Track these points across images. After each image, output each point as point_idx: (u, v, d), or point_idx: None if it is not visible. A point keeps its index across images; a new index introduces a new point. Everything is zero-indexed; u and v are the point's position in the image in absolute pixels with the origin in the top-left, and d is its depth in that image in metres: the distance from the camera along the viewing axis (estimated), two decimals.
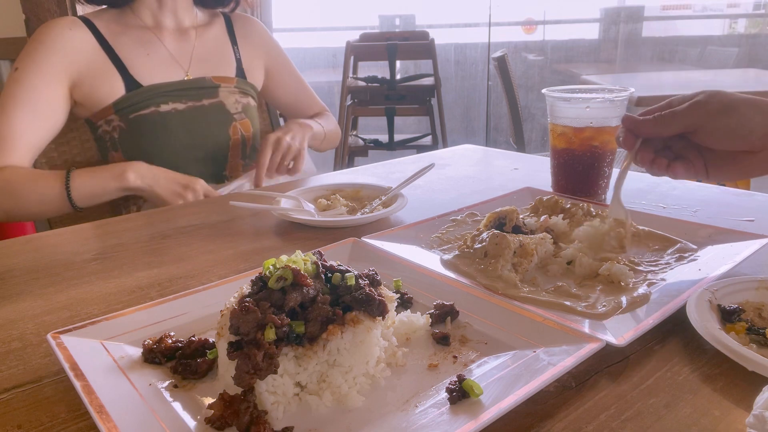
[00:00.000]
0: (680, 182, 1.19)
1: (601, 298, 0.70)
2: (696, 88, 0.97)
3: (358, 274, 0.59)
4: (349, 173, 1.52)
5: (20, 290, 0.80)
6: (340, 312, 0.55)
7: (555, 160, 1.13)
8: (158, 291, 0.78)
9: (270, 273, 0.57)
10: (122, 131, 1.37)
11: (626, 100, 1.05)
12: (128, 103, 1.35)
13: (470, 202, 1.05)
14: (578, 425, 0.50)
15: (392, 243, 0.86)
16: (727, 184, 1.28)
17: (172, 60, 1.43)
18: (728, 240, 0.83)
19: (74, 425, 0.52)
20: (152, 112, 1.37)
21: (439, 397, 0.52)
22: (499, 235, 0.78)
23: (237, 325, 0.53)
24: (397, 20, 5.13)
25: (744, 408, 0.51)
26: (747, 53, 4.48)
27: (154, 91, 1.37)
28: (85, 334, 0.62)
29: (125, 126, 1.36)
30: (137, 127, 1.36)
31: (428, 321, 0.65)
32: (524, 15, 5.12)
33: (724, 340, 0.57)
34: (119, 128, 1.37)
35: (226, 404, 0.50)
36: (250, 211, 1.09)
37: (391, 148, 3.59)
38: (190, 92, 1.42)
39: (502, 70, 3.29)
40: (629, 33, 4.83)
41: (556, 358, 0.55)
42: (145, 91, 1.36)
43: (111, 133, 1.38)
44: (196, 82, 1.44)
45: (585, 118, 1.05)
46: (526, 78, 4.95)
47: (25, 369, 0.61)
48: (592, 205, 0.95)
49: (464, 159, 1.53)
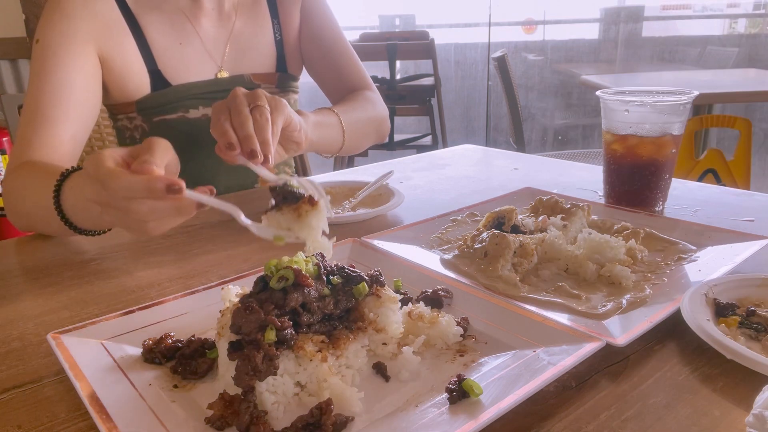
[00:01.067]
0: (680, 182, 1.19)
1: (601, 298, 0.70)
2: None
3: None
4: (348, 173, 1.52)
5: (20, 290, 0.80)
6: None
7: (613, 167, 1.04)
8: (158, 291, 0.78)
9: (272, 273, 0.57)
10: (144, 133, 1.22)
11: (690, 104, 0.98)
12: (153, 104, 1.19)
13: (470, 202, 1.05)
14: (578, 425, 0.50)
15: (392, 243, 0.86)
16: (727, 184, 1.28)
17: (205, 52, 1.24)
18: (728, 240, 0.83)
19: (74, 425, 0.52)
20: (179, 117, 1.20)
21: (439, 397, 0.52)
22: (499, 235, 0.78)
23: (239, 324, 0.53)
24: (397, 20, 5.14)
25: (744, 408, 0.51)
26: (747, 53, 4.48)
27: (183, 93, 1.20)
28: (85, 334, 0.62)
29: (147, 128, 1.21)
30: (161, 133, 1.14)
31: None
32: (524, 15, 5.12)
33: (709, 329, 0.58)
34: (141, 129, 1.22)
35: (226, 404, 0.50)
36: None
37: (391, 148, 3.59)
38: (223, 95, 1.15)
39: (502, 70, 3.29)
40: (629, 33, 4.83)
41: (556, 357, 0.55)
42: (172, 92, 1.19)
43: (132, 131, 1.23)
44: (232, 82, 1.24)
45: (645, 123, 0.98)
46: (526, 78, 4.95)
47: (25, 369, 0.61)
48: (592, 210, 0.95)
49: (464, 159, 1.53)
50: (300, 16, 1.35)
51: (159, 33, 1.18)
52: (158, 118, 1.20)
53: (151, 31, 1.17)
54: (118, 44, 1.13)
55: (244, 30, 1.29)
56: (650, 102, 0.97)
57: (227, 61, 1.26)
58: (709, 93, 2.75)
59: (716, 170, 2.62)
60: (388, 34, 3.84)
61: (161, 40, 1.18)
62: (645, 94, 1.00)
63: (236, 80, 1.25)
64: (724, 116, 2.73)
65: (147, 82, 1.18)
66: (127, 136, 1.25)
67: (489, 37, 4.82)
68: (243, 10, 1.29)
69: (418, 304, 0.66)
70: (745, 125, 2.62)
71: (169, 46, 1.19)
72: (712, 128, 2.97)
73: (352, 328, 0.59)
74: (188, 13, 1.22)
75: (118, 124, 1.25)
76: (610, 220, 0.94)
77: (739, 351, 0.55)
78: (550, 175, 1.32)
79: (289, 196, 0.61)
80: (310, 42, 1.36)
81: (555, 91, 4.96)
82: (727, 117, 2.70)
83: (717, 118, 2.76)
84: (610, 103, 1.01)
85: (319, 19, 1.36)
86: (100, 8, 1.11)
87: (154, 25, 1.17)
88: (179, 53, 1.20)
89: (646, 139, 0.99)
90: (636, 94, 1.00)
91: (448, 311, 0.68)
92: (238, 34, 1.28)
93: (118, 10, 1.13)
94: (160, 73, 1.18)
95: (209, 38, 1.24)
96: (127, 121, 1.23)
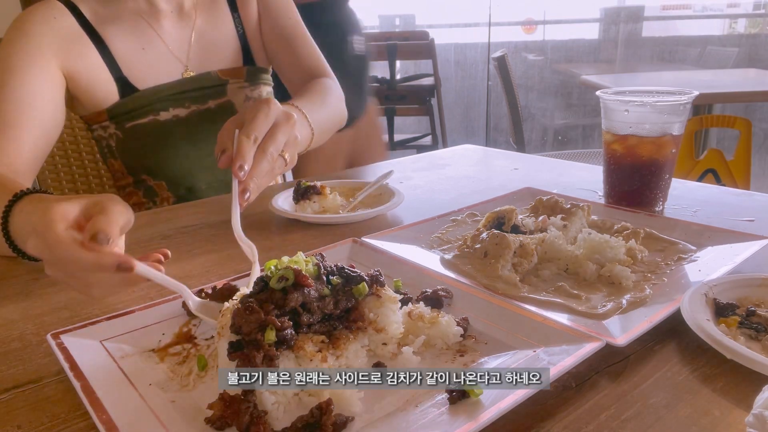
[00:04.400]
0: (680, 182, 1.19)
1: (601, 298, 0.70)
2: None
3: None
4: (348, 173, 1.52)
5: (20, 290, 0.80)
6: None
7: (613, 167, 1.04)
8: (158, 291, 0.78)
9: (272, 273, 0.57)
10: (119, 140, 1.23)
11: (690, 104, 0.98)
12: (123, 110, 1.20)
13: (470, 202, 1.05)
14: (578, 425, 0.50)
15: (392, 243, 0.86)
16: (727, 184, 1.28)
17: (170, 53, 1.24)
18: (728, 241, 0.83)
19: (74, 425, 0.52)
20: (151, 121, 1.21)
21: (439, 397, 0.52)
22: (499, 235, 0.78)
23: (239, 324, 0.53)
24: (397, 20, 5.14)
25: (744, 408, 0.51)
26: (747, 53, 4.48)
27: (152, 96, 1.21)
28: (85, 334, 0.62)
29: (122, 135, 1.22)
30: (135, 138, 1.22)
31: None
32: (524, 15, 5.12)
33: (709, 329, 0.58)
34: (115, 136, 1.23)
35: (226, 404, 0.50)
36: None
37: (391, 148, 3.59)
38: (192, 93, 1.25)
39: (502, 70, 3.30)
40: (629, 33, 4.83)
41: (556, 358, 0.55)
42: (140, 96, 1.20)
43: (107, 139, 1.24)
44: (199, 80, 1.26)
45: (644, 123, 0.98)
46: (526, 78, 4.95)
47: (25, 369, 0.61)
48: (591, 211, 0.95)
49: (464, 159, 1.53)
50: (258, 7, 1.34)
51: (121, 41, 1.19)
52: (130, 124, 1.21)
53: (113, 41, 1.18)
54: (81, 57, 1.14)
55: (205, 27, 1.29)
56: (650, 102, 0.97)
57: (192, 59, 1.27)
58: (709, 93, 2.75)
59: (716, 170, 2.62)
60: (388, 34, 3.84)
61: (124, 47, 1.19)
62: (645, 94, 1.00)
63: (203, 78, 1.26)
64: (724, 116, 2.73)
65: (115, 90, 1.19)
66: (104, 145, 1.26)
67: (489, 37, 4.82)
68: (202, 8, 1.30)
69: (418, 304, 0.66)
70: (745, 125, 2.62)
71: (132, 53, 1.20)
72: (712, 128, 2.97)
73: (352, 328, 0.59)
74: (148, 17, 1.23)
75: (94, 134, 1.26)
76: (610, 220, 0.94)
77: (739, 351, 0.55)
78: (550, 175, 1.32)
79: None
80: (270, 31, 1.36)
81: (555, 91, 4.96)
82: (727, 117, 2.70)
83: (717, 118, 2.76)
84: (610, 103, 1.01)
85: (275, 7, 1.36)
86: (60, 25, 1.12)
87: (115, 34, 1.18)
88: (143, 58, 1.21)
89: (646, 139, 0.99)
90: (636, 94, 1.00)
91: (448, 311, 0.67)
92: (200, 32, 1.28)
93: (77, 25, 1.15)
94: (126, 79, 1.19)
95: (172, 39, 1.25)
96: (102, 131, 1.24)
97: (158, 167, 1.25)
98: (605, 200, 1.07)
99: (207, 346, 0.63)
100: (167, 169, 1.26)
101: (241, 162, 0.75)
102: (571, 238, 0.85)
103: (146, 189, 1.29)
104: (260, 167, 0.77)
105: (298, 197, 1.08)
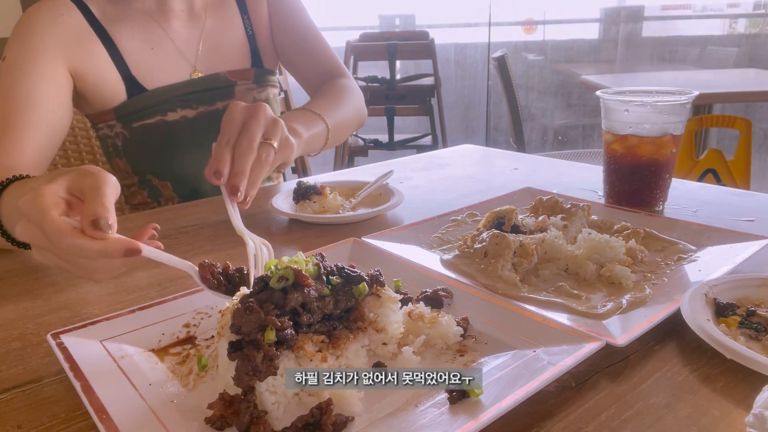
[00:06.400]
0: (680, 182, 1.19)
1: (601, 298, 0.70)
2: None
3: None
4: (348, 173, 1.52)
5: (20, 290, 0.80)
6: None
7: (613, 167, 1.04)
8: (158, 291, 0.78)
9: (272, 273, 0.57)
10: (125, 140, 1.23)
11: (690, 104, 0.98)
12: (130, 110, 1.20)
13: (470, 202, 1.05)
14: (578, 425, 0.50)
15: (392, 243, 0.86)
16: (727, 184, 1.28)
17: (178, 53, 1.24)
18: (728, 240, 0.83)
19: (74, 425, 0.52)
20: (158, 121, 1.21)
21: (439, 397, 0.52)
22: (499, 235, 0.78)
23: (239, 324, 0.53)
24: (397, 20, 5.14)
25: (744, 408, 0.51)
26: (747, 53, 4.48)
27: (160, 96, 1.21)
28: (85, 334, 0.62)
29: (128, 135, 1.22)
30: (142, 138, 1.22)
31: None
32: (524, 15, 5.12)
33: (709, 329, 0.58)
34: (122, 136, 1.22)
35: (226, 404, 0.50)
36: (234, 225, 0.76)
37: (391, 148, 3.59)
38: (200, 95, 1.24)
39: (502, 70, 3.29)
40: (629, 33, 4.83)
41: (556, 357, 0.55)
42: (148, 96, 1.20)
43: (114, 139, 1.24)
44: (208, 81, 1.25)
45: (645, 123, 0.98)
46: (526, 78, 4.95)
47: (25, 369, 0.61)
48: (591, 211, 0.95)
49: (464, 159, 1.53)
50: (268, 8, 1.34)
51: (129, 40, 1.18)
52: (137, 123, 1.21)
53: (122, 40, 1.17)
54: (89, 56, 1.14)
55: (215, 28, 1.29)
56: (650, 102, 0.97)
57: (201, 60, 1.26)
58: (709, 93, 2.75)
59: (716, 170, 2.62)
60: (388, 34, 3.84)
61: (132, 46, 1.18)
62: (645, 94, 1.00)
63: (211, 79, 1.26)
64: (724, 116, 2.73)
65: (122, 90, 1.18)
66: (109, 144, 1.26)
67: (489, 37, 4.82)
68: (212, 9, 1.29)
69: (418, 304, 0.66)
70: (745, 125, 2.62)
71: (140, 52, 1.19)
72: (712, 128, 2.97)
73: (352, 328, 0.59)
74: (157, 17, 1.22)
75: (100, 133, 1.26)
76: (610, 220, 0.94)
77: (739, 351, 0.55)
78: (550, 175, 1.33)
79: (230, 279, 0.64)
80: (281, 33, 1.35)
81: (555, 91, 4.96)
82: (727, 117, 2.70)
83: (717, 118, 2.76)
84: (609, 103, 1.01)
85: (287, 8, 1.35)
86: (68, 23, 1.12)
87: (124, 33, 1.18)
88: (152, 58, 1.21)
89: (646, 139, 0.99)
90: (636, 94, 1.00)
91: (448, 311, 0.68)
92: (209, 32, 1.28)
93: (86, 22, 1.14)
94: (134, 79, 1.19)
95: (181, 40, 1.25)
96: (108, 130, 1.23)
97: (164, 168, 1.25)
98: (605, 200, 1.07)
99: (207, 346, 0.63)
100: (173, 169, 1.26)
101: (215, 168, 0.74)
102: (571, 238, 0.85)
103: (151, 189, 1.29)
104: (241, 163, 0.75)
105: (298, 197, 1.09)
